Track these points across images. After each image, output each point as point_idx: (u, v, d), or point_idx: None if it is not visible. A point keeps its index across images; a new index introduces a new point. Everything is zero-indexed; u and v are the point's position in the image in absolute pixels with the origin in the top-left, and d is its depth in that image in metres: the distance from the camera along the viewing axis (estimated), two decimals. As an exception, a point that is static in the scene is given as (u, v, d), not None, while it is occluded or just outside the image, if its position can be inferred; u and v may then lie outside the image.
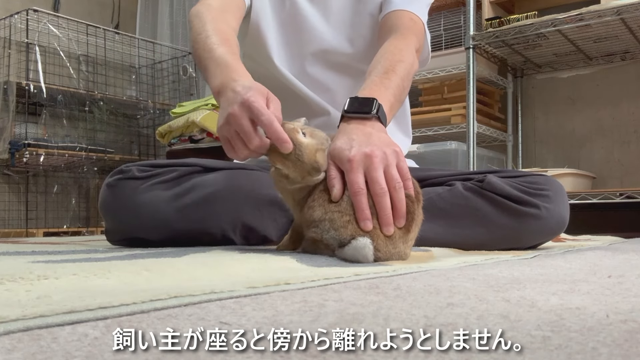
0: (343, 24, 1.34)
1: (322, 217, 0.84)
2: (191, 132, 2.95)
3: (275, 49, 1.32)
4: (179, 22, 3.78)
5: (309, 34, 1.33)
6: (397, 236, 0.84)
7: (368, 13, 1.33)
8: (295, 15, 1.33)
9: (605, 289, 0.57)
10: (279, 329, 0.36)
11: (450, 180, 1.21)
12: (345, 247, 0.82)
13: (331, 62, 1.34)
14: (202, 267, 0.71)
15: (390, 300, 0.50)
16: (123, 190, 1.19)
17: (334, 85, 1.34)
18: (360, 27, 1.34)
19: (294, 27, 1.33)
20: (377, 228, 0.82)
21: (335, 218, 0.83)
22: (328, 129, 1.26)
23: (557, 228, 1.18)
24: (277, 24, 1.34)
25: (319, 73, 1.33)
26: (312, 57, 1.33)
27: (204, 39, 1.08)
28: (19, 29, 3.13)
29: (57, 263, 0.76)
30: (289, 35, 1.34)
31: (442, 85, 2.73)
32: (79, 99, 3.29)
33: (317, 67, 1.33)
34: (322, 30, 1.33)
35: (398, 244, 0.84)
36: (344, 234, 0.82)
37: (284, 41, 1.34)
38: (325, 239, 0.84)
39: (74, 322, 0.39)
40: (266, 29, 1.32)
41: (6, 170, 3.20)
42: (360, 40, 1.33)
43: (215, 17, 1.15)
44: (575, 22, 2.27)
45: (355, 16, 1.34)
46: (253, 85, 0.91)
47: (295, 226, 0.96)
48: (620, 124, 2.66)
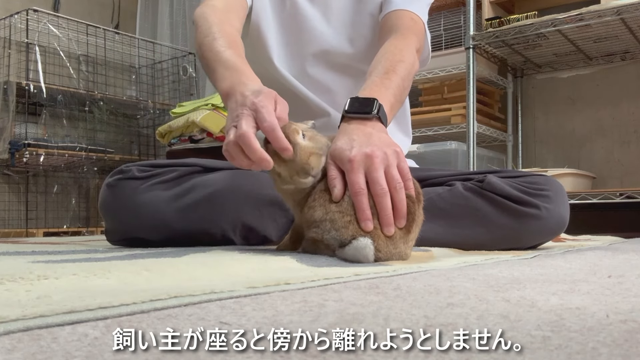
0: (343, 24, 1.34)
1: (323, 218, 0.84)
2: (191, 132, 2.94)
3: (275, 50, 1.32)
4: (179, 22, 3.78)
5: (309, 34, 1.33)
6: (398, 236, 0.84)
7: (368, 13, 1.33)
8: (295, 16, 1.33)
9: (605, 289, 0.57)
10: (279, 329, 0.36)
11: (450, 180, 1.21)
12: (346, 247, 0.82)
13: (332, 63, 1.34)
14: (202, 267, 0.71)
15: (390, 300, 0.50)
16: (123, 190, 1.19)
17: (335, 86, 1.34)
18: (361, 27, 1.34)
19: (295, 27, 1.33)
20: (377, 228, 0.82)
21: (336, 218, 0.83)
22: (328, 130, 1.27)
23: (557, 228, 1.18)
24: (277, 24, 1.34)
25: (319, 74, 1.33)
26: (313, 58, 1.33)
27: (210, 42, 1.08)
28: (19, 29, 3.13)
29: (57, 263, 0.76)
30: (289, 35, 1.34)
31: (442, 85, 2.73)
32: (79, 99, 3.29)
33: (317, 67, 1.33)
34: (322, 30, 1.33)
35: (399, 244, 0.84)
36: (344, 234, 0.82)
37: (284, 42, 1.34)
38: (325, 239, 0.84)
39: (74, 322, 0.39)
40: (266, 29, 1.32)
41: (6, 170, 3.20)
42: (361, 40, 1.33)
43: (221, 19, 1.15)
44: (575, 22, 2.27)
45: (356, 16, 1.34)
46: (262, 89, 0.91)
47: (295, 226, 0.96)
48: (620, 124, 2.66)
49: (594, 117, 2.72)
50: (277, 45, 1.33)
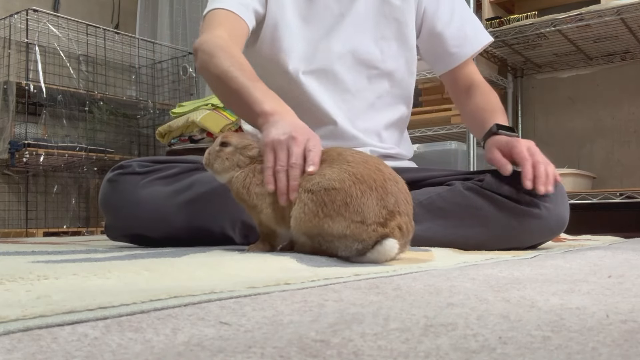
0: (367, 25, 1.33)
1: (343, 233, 0.82)
2: (191, 132, 2.94)
3: (296, 48, 1.30)
4: (179, 22, 3.77)
5: (336, 32, 1.32)
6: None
7: (393, 18, 1.35)
8: (321, 13, 1.32)
9: (605, 289, 0.57)
10: (279, 328, 0.36)
11: (450, 180, 1.21)
12: (368, 252, 0.81)
13: (356, 61, 1.32)
14: (202, 267, 0.71)
15: (390, 300, 0.50)
16: (123, 185, 1.19)
17: (354, 87, 1.32)
18: (384, 28, 1.34)
19: (320, 25, 1.32)
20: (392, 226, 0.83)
21: (357, 231, 0.82)
22: (336, 138, 1.27)
23: (557, 228, 1.18)
24: (300, 21, 1.31)
25: (343, 72, 1.31)
26: (338, 57, 1.31)
27: (237, 71, 1.09)
28: (19, 29, 3.13)
29: (57, 263, 0.76)
30: (314, 32, 1.31)
31: (442, 85, 2.73)
32: (79, 99, 3.29)
33: (343, 66, 1.32)
34: (348, 29, 1.32)
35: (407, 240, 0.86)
36: (368, 240, 0.81)
37: (307, 38, 1.31)
38: (342, 254, 0.83)
39: (74, 322, 0.39)
40: (285, 29, 1.29)
41: (6, 170, 3.20)
42: (383, 42, 1.34)
43: (236, 53, 1.15)
44: (575, 22, 2.27)
45: (380, 17, 1.34)
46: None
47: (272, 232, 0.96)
48: (620, 124, 2.66)
49: (594, 117, 2.72)
50: (299, 43, 1.30)
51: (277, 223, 0.92)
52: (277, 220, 0.92)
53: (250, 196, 0.93)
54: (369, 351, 0.33)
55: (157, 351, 0.33)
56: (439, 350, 0.33)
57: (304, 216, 0.85)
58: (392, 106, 1.38)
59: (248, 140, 0.98)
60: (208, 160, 0.98)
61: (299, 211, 0.86)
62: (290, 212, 0.88)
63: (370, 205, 0.81)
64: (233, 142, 0.97)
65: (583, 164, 2.68)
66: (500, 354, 0.33)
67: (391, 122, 1.38)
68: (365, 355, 0.32)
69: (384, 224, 0.81)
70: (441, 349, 0.33)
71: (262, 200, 0.92)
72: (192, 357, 0.31)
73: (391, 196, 0.83)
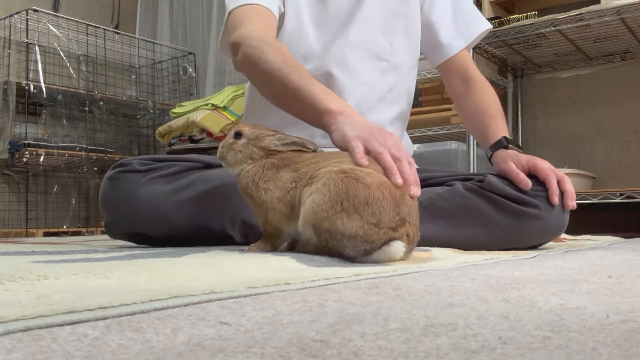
0: (376, 17, 1.34)
1: (355, 233, 0.81)
2: (191, 132, 2.95)
3: (314, 40, 1.31)
4: (179, 22, 3.77)
5: (350, 23, 1.32)
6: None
7: (401, 14, 1.35)
8: (331, 14, 1.32)
9: (605, 289, 0.57)
10: (279, 328, 0.36)
11: (450, 181, 1.21)
12: (375, 252, 0.82)
13: (369, 53, 1.33)
14: (202, 267, 0.71)
15: (390, 300, 0.50)
16: (123, 183, 1.19)
17: (365, 78, 1.32)
18: (393, 22, 1.35)
19: (332, 25, 1.32)
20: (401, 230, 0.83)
21: (369, 232, 0.82)
22: None
23: (556, 228, 1.18)
24: (313, 24, 1.32)
25: (357, 62, 1.31)
26: (352, 47, 1.31)
27: (290, 68, 1.06)
28: (19, 29, 3.13)
29: (57, 263, 0.76)
30: (326, 35, 1.32)
31: (442, 85, 2.73)
32: (79, 99, 3.29)
33: (359, 56, 1.32)
34: (359, 21, 1.32)
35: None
36: (377, 242, 0.82)
37: (321, 28, 1.32)
38: (348, 254, 0.83)
39: (74, 322, 0.39)
40: (299, 33, 1.31)
41: (6, 170, 3.20)
42: (392, 35, 1.34)
43: (285, 49, 1.14)
44: (575, 22, 2.27)
45: (387, 12, 1.34)
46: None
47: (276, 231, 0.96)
48: (620, 124, 2.66)
49: (594, 117, 2.72)
50: (315, 45, 1.31)
51: (286, 220, 0.91)
52: (286, 217, 0.91)
53: (258, 192, 0.93)
54: (369, 351, 0.33)
55: (157, 351, 0.33)
56: (439, 350, 0.33)
57: (319, 206, 0.83)
58: (398, 100, 1.38)
59: (260, 130, 0.97)
60: (221, 153, 0.98)
61: (315, 199, 0.84)
62: (300, 209, 0.87)
63: (387, 209, 0.81)
64: (246, 132, 0.97)
65: (583, 164, 2.68)
66: (500, 354, 0.32)
67: (395, 116, 1.38)
68: (365, 355, 0.32)
69: (395, 229, 0.82)
70: (441, 349, 0.33)
71: (271, 195, 0.92)
72: (192, 357, 0.31)
73: (405, 207, 0.83)
